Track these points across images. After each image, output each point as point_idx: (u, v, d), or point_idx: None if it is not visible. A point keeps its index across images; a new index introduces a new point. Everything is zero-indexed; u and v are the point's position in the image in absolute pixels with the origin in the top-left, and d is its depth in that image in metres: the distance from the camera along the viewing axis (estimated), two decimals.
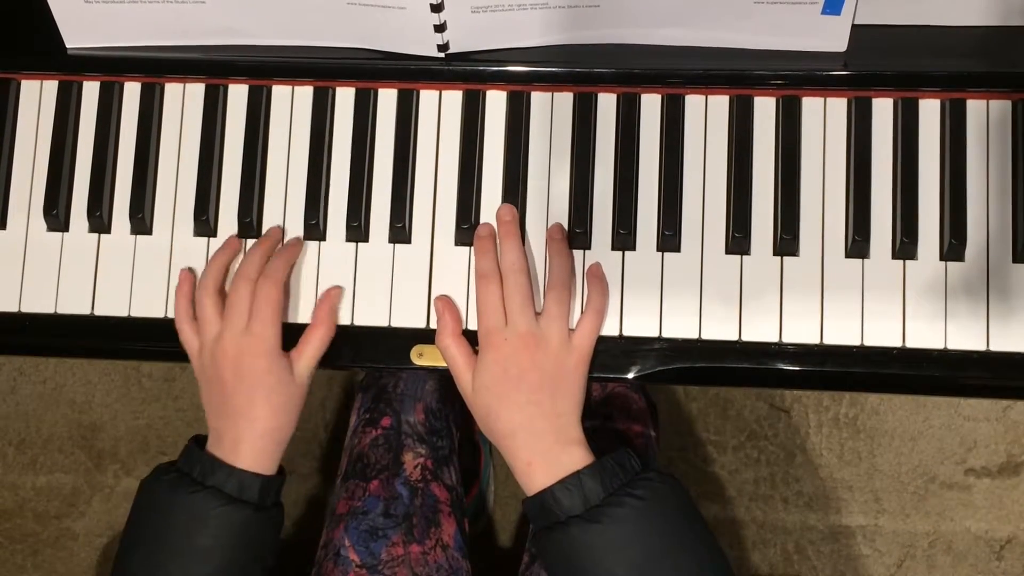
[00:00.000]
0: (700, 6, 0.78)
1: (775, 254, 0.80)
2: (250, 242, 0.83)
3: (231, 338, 0.77)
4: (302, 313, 0.82)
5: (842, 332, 0.79)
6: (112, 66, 0.85)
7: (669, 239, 0.80)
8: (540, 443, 0.74)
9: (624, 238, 0.81)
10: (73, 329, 0.84)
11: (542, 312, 0.77)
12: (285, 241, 0.83)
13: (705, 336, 0.80)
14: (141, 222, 0.84)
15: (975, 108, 0.80)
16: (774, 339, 0.79)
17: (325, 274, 0.83)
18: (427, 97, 0.84)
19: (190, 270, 0.83)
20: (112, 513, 1.45)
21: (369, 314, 0.82)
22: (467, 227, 0.82)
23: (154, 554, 0.75)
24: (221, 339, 0.78)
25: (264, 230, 0.84)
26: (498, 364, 0.76)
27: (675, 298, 0.80)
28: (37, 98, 0.86)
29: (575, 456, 0.74)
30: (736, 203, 0.80)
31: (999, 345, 0.78)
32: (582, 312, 0.79)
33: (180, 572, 0.74)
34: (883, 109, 0.81)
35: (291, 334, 0.79)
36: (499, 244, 0.80)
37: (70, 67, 0.86)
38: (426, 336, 0.81)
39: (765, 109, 0.82)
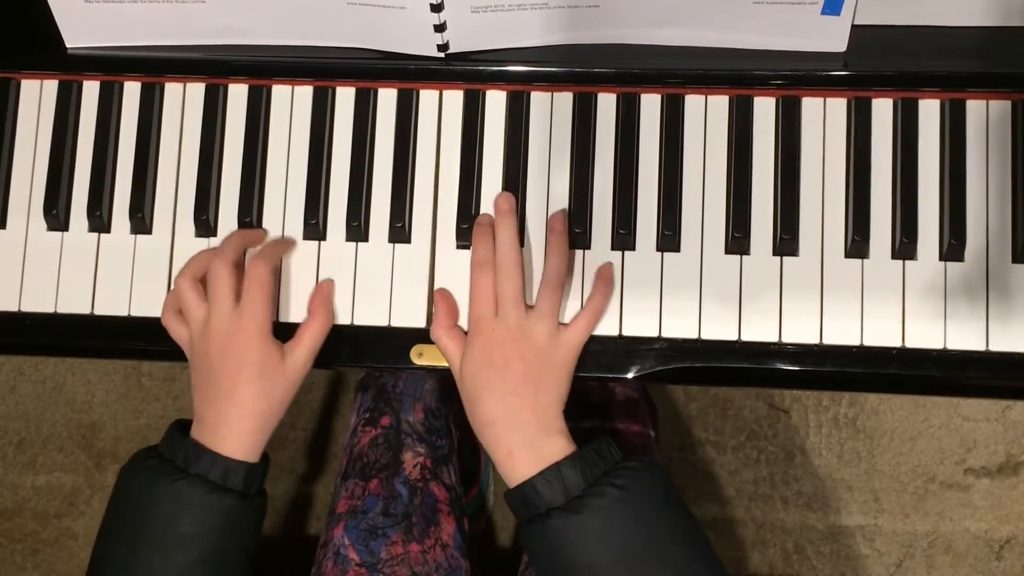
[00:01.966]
0: (700, 6, 0.78)
1: (775, 254, 0.80)
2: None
3: (219, 319, 0.77)
4: (302, 313, 0.82)
5: (842, 332, 0.79)
6: (112, 66, 0.85)
7: (669, 239, 0.80)
8: (521, 433, 0.74)
9: (624, 238, 0.81)
10: (73, 329, 0.84)
11: (534, 308, 0.77)
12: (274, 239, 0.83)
13: (705, 336, 0.80)
14: (141, 222, 0.84)
15: (975, 108, 0.80)
16: (774, 339, 0.79)
17: (325, 274, 0.83)
18: (427, 97, 0.84)
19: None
20: None
21: (369, 314, 0.82)
22: (467, 227, 0.82)
23: (136, 541, 0.74)
24: (208, 321, 0.77)
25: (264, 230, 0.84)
26: (484, 352, 0.76)
27: (675, 298, 0.80)
28: (37, 98, 0.86)
29: (556, 446, 0.74)
30: (736, 203, 0.80)
31: (999, 345, 0.78)
32: (581, 310, 0.79)
33: (162, 560, 0.73)
34: (883, 109, 0.81)
35: (289, 334, 0.79)
36: (495, 233, 0.80)
37: (70, 67, 0.86)
38: (426, 336, 0.81)
39: (765, 109, 0.82)
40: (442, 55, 0.82)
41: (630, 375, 0.80)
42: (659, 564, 0.70)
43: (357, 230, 0.83)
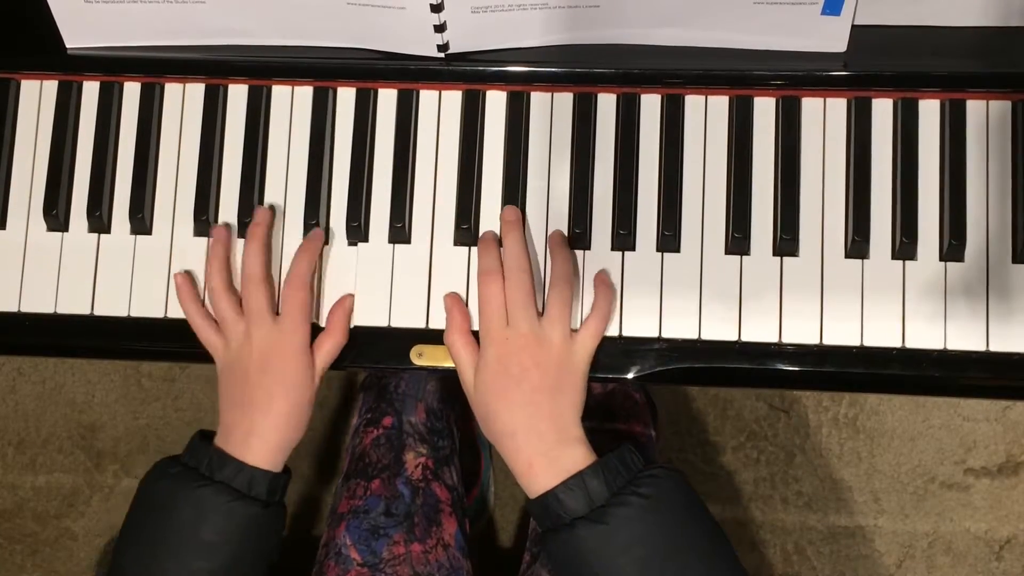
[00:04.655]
0: (700, 6, 0.78)
1: (775, 254, 0.80)
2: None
3: (260, 335, 0.78)
4: None
5: (842, 332, 0.79)
6: (112, 66, 0.85)
7: (669, 239, 0.80)
8: (541, 443, 0.74)
9: (624, 238, 0.81)
10: (73, 329, 0.84)
11: (544, 312, 0.77)
12: (308, 236, 0.82)
13: (705, 336, 0.80)
14: (141, 222, 0.84)
15: (975, 108, 0.80)
16: (774, 339, 0.79)
17: (325, 274, 0.83)
18: (427, 97, 0.84)
19: (184, 274, 0.82)
20: (112, 513, 1.45)
21: (369, 314, 0.82)
22: (467, 227, 0.82)
23: (156, 548, 0.74)
24: (249, 335, 0.78)
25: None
26: (499, 362, 0.76)
27: (675, 298, 0.80)
28: (37, 98, 0.86)
29: (577, 455, 0.73)
30: (736, 203, 0.80)
31: (999, 345, 0.78)
32: (588, 314, 0.78)
33: (183, 567, 0.74)
34: (883, 109, 0.81)
35: None
36: (502, 242, 0.80)
37: (70, 67, 0.86)
38: (426, 336, 0.81)
39: (765, 109, 0.82)
40: (442, 55, 0.82)
41: (630, 375, 0.80)
42: (681, 569, 0.70)
43: (357, 230, 0.83)
